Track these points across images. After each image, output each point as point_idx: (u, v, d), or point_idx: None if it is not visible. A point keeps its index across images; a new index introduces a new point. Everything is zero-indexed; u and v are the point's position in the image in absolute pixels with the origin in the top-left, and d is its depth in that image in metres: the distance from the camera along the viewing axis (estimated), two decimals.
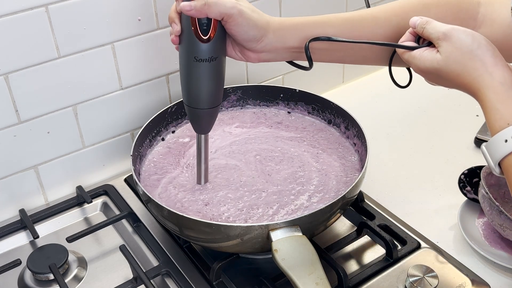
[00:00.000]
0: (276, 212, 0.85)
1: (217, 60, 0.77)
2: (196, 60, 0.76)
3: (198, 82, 0.78)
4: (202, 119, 0.82)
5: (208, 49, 0.76)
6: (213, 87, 0.79)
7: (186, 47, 0.77)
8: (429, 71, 0.71)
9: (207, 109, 0.81)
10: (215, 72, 0.78)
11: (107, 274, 0.91)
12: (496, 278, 0.86)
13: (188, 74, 0.78)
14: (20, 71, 0.92)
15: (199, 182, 0.90)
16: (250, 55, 0.80)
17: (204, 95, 0.80)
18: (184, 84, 0.80)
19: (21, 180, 1.00)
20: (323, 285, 0.72)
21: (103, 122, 1.04)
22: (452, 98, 1.29)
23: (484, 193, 0.89)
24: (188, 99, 0.81)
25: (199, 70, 0.77)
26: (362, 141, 0.94)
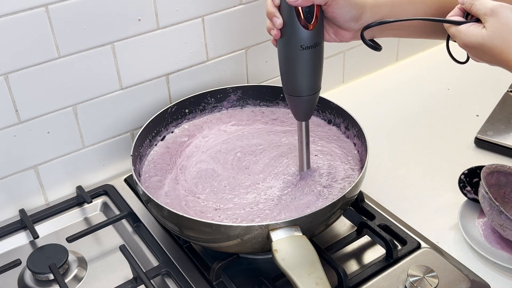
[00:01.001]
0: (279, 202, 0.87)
1: (320, 45, 0.79)
2: (303, 49, 0.77)
3: (304, 69, 0.80)
4: (305, 106, 0.84)
5: (313, 35, 0.77)
6: (317, 72, 0.81)
7: (291, 37, 0.77)
8: (473, 45, 0.72)
9: (311, 95, 0.82)
10: (319, 56, 0.80)
11: (107, 274, 0.91)
12: (496, 278, 0.86)
13: (294, 64, 0.79)
14: (20, 71, 0.92)
15: (302, 169, 0.91)
16: (345, 35, 0.82)
17: (310, 81, 0.81)
18: (287, 75, 0.81)
19: (21, 180, 1.00)
20: (323, 285, 0.72)
21: (103, 122, 1.04)
22: (452, 98, 1.29)
23: (484, 193, 0.89)
24: (292, 88, 0.82)
25: (306, 57, 0.78)
26: (362, 141, 0.94)
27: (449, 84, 1.35)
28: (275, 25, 0.77)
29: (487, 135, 1.12)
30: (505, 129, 1.13)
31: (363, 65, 1.39)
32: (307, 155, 0.90)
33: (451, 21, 0.75)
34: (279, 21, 0.76)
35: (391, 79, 1.40)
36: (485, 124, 1.16)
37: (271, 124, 1.05)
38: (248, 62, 1.18)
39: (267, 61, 1.20)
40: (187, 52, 1.08)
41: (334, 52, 1.31)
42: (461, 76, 1.36)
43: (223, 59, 1.13)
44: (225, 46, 1.13)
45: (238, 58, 1.16)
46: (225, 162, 0.97)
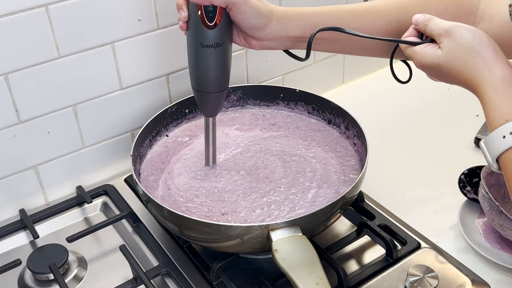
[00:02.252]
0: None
1: (222, 46, 0.80)
2: (202, 46, 0.79)
3: (205, 67, 0.81)
4: (210, 102, 0.85)
5: (213, 35, 0.78)
6: (219, 72, 0.82)
7: (193, 33, 0.79)
8: (430, 66, 0.72)
9: (214, 93, 0.84)
10: (221, 57, 0.81)
11: (107, 274, 0.91)
12: (496, 278, 0.86)
13: (195, 60, 0.81)
14: (20, 71, 0.92)
15: (207, 163, 0.94)
16: (253, 42, 0.82)
17: (211, 79, 0.83)
18: (191, 69, 0.83)
19: (21, 180, 1.00)
20: (323, 285, 0.72)
21: (103, 122, 1.04)
22: (452, 98, 1.29)
23: (484, 193, 0.89)
24: (195, 83, 0.84)
25: (206, 55, 0.80)
26: (362, 141, 0.94)
27: (449, 84, 1.34)
28: (180, 17, 0.79)
29: (487, 135, 1.12)
30: None
31: (363, 65, 1.39)
32: (213, 150, 0.92)
33: (406, 41, 0.73)
34: (184, 14, 0.78)
35: (391, 79, 1.39)
36: (485, 124, 1.15)
37: (269, 130, 1.05)
38: (248, 62, 1.18)
39: (267, 61, 1.20)
40: None
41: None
42: None
43: None
44: None
45: (238, 58, 1.16)
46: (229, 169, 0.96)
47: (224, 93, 0.86)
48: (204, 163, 0.95)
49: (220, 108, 0.88)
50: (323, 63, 1.30)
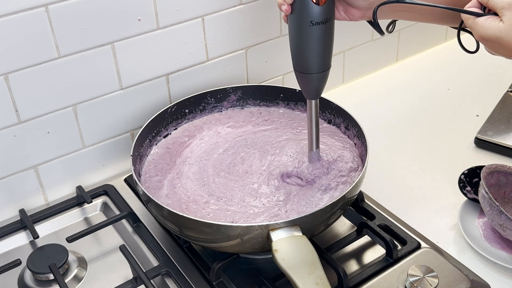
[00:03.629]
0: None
1: (330, 21, 0.79)
2: (313, 24, 0.77)
3: (314, 46, 0.80)
4: (315, 83, 0.84)
5: (323, 11, 0.77)
6: (327, 49, 0.81)
7: (300, 13, 0.77)
8: (490, 38, 0.72)
9: (321, 73, 0.83)
10: (330, 33, 0.80)
11: (107, 274, 0.91)
12: (496, 278, 0.86)
13: (304, 40, 0.79)
14: (20, 71, 0.92)
15: (311, 148, 0.91)
16: (355, 13, 0.82)
17: (320, 58, 0.81)
18: (297, 51, 0.81)
19: (21, 180, 1.00)
20: (323, 285, 0.72)
21: (103, 122, 1.04)
22: (452, 98, 1.30)
23: (484, 193, 0.89)
24: (300, 65, 0.82)
25: (315, 33, 0.78)
26: (362, 141, 0.94)
27: (449, 84, 1.35)
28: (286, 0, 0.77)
29: (487, 135, 1.12)
30: (505, 129, 1.13)
31: (363, 65, 1.39)
32: (316, 134, 0.89)
33: (470, 12, 0.74)
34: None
35: (391, 79, 1.40)
36: (485, 124, 1.16)
37: (261, 125, 1.05)
38: (248, 62, 1.18)
39: (267, 61, 1.20)
40: (187, 52, 1.08)
41: (334, 52, 1.30)
42: (461, 76, 1.36)
43: (223, 59, 1.13)
44: (225, 46, 1.13)
45: (238, 58, 1.16)
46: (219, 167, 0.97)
47: (327, 72, 0.84)
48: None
49: (323, 89, 0.86)
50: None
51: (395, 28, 0.87)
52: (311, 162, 0.92)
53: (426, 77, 1.39)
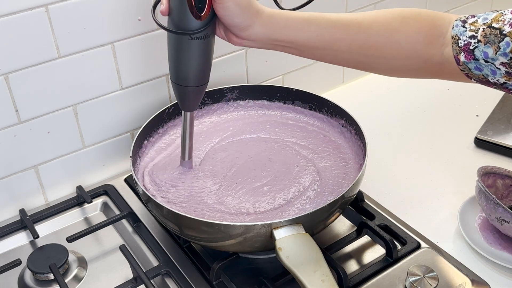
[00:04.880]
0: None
1: (209, 38, 0.78)
2: (191, 38, 0.76)
3: (190, 60, 0.79)
4: (190, 96, 0.83)
5: (201, 26, 0.75)
6: (204, 65, 0.80)
7: (178, 24, 0.76)
8: None
9: (196, 87, 0.82)
10: (207, 49, 0.79)
11: (107, 274, 0.91)
12: (496, 278, 0.86)
13: (180, 52, 0.78)
14: (20, 71, 0.92)
15: (183, 158, 0.92)
16: (232, 38, 0.80)
17: (196, 72, 0.80)
18: (173, 62, 0.80)
19: (21, 180, 1.00)
20: (329, 282, 0.72)
21: (103, 122, 1.04)
22: (452, 98, 1.30)
23: (480, 187, 0.89)
24: (176, 77, 0.81)
25: (192, 47, 0.77)
26: (361, 140, 0.94)
27: (449, 84, 1.34)
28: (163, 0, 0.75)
29: (487, 135, 1.12)
30: (505, 129, 1.13)
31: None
32: (189, 145, 0.90)
33: None
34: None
35: (391, 79, 1.39)
36: (485, 124, 1.16)
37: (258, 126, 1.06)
38: (248, 62, 1.18)
39: (267, 61, 1.20)
40: None
41: None
42: None
43: (223, 59, 1.13)
44: (225, 46, 1.11)
45: (238, 58, 1.16)
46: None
47: (205, 87, 0.84)
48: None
49: (198, 103, 0.86)
50: (323, 63, 1.30)
51: None
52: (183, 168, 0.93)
53: None
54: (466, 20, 0.73)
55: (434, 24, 0.75)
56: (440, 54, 0.74)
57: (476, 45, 0.70)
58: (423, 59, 0.76)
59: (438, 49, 0.74)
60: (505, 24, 0.68)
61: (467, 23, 0.72)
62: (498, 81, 0.71)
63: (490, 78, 0.71)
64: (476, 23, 0.71)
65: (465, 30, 0.72)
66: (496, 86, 0.73)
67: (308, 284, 0.71)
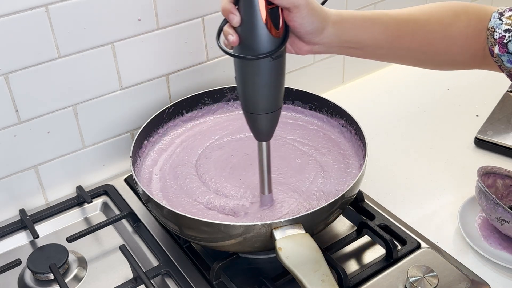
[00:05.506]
0: None
1: (285, 55, 0.72)
2: (272, 59, 0.69)
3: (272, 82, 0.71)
4: (267, 123, 0.75)
5: (281, 42, 0.69)
6: (282, 84, 0.74)
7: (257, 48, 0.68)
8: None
9: (274, 112, 0.74)
10: (284, 66, 0.72)
11: (107, 274, 0.91)
12: (496, 278, 0.86)
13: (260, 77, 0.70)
14: (20, 71, 0.92)
15: (263, 192, 0.85)
16: (302, 47, 0.76)
17: (276, 95, 0.73)
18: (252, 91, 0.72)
19: (21, 180, 1.00)
20: (329, 282, 0.72)
21: (103, 122, 1.04)
22: (452, 98, 1.30)
23: (480, 187, 0.89)
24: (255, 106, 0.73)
25: (273, 68, 0.70)
26: (361, 140, 0.94)
27: (449, 84, 1.35)
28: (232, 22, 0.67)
29: (487, 135, 1.12)
30: (505, 129, 1.13)
31: (363, 65, 1.39)
32: (268, 177, 0.83)
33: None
34: (236, 18, 0.67)
35: (391, 79, 1.40)
36: (485, 124, 1.16)
37: None
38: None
39: None
40: (187, 52, 1.08)
41: None
42: (461, 76, 1.36)
43: (223, 59, 1.13)
44: None
45: None
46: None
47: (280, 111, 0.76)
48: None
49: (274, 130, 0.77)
50: (323, 63, 1.30)
51: None
52: (262, 206, 0.86)
53: (426, 77, 1.38)
54: (503, 13, 0.74)
55: (480, 18, 0.76)
56: (483, 48, 0.76)
57: (510, 39, 0.71)
58: (471, 52, 0.77)
59: (483, 43, 0.75)
60: None
61: (504, 16, 0.73)
62: None
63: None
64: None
65: (501, 23, 0.73)
66: None
67: (308, 284, 0.71)
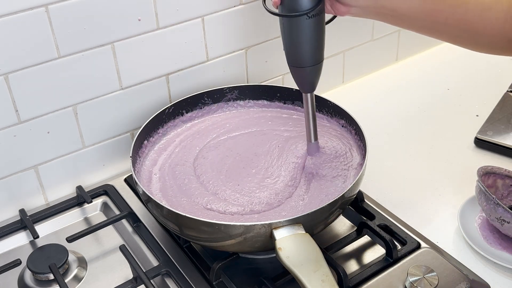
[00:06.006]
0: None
1: (322, 13, 0.79)
2: (308, 17, 0.77)
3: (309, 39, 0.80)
4: (310, 77, 0.84)
5: (317, 2, 0.77)
6: (321, 41, 0.82)
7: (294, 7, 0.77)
8: None
9: (314, 66, 0.83)
10: (322, 25, 0.80)
11: (107, 274, 0.91)
12: (496, 278, 0.86)
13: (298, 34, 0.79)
14: (20, 71, 0.92)
15: (310, 140, 0.92)
16: (340, 8, 0.81)
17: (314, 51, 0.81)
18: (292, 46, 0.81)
19: (21, 180, 1.00)
20: (329, 282, 0.72)
21: (103, 122, 1.05)
22: (452, 98, 1.30)
23: (480, 187, 0.89)
24: (295, 60, 0.82)
25: (310, 26, 0.78)
26: (361, 140, 0.94)
27: (449, 84, 1.35)
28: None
29: (487, 135, 1.12)
30: (505, 129, 1.13)
31: (363, 65, 1.39)
32: (313, 126, 0.90)
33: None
34: None
35: (391, 79, 1.40)
36: (485, 124, 1.16)
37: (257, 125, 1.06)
38: (248, 62, 1.18)
39: (267, 61, 1.20)
40: (187, 52, 1.08)
41: (334, 52, 1.31)
42: (461, 76, 1.36)
43: (223, 59, 1.13)
44: (225, 46, 1.13)
45: (238, 58, 1.16)
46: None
47: (322, 65, 0.84)
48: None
49: (318, 82, 0.86)
50: (323, 63, 1.30)
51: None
52: (310, 155, 0.93)
53: (426, 77, 1.39)
54: None
55: None
56: None
57: None
58: (508, 38, 0.77)
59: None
60: None
61: None
62: None
63: None
64: None
65: None
66: None
67: (308, 284, 0.71)
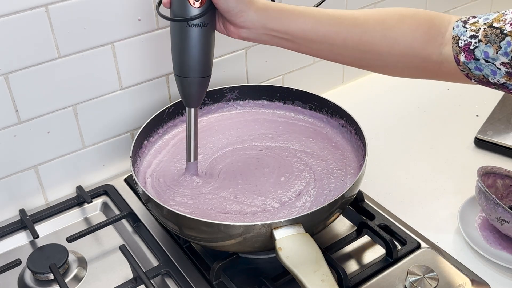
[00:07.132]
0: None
1: (207, 27, 0.79)
2: (188, 25, 0.78)
3: (188, 48, 0.80)
4: (191, 90, 0.83)
5: (198, 13, 0.77)
6: (203, 55, 0.81)
7: (178, 13, 0.78)
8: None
9: (196, 79, 0.82)
10: (205, 39, 0.80)
11: (107, 274, 0.91)
12: (496, 278, 0.86)
13: (179, 41, 0.80)
14: (20, 71, 0.92)
15: (189, 159, 0.90)
16: (230, 28, 0.80)
17: (195, 63, 0.81)
18: (174, 52, 0.82)
19: (21, 180, 1.00)
20: (329, 282, 0.72)
21: (103, 122, 1.05)
22: (452, 98, 1.30)
23: (480, 187, 0.89)
24: (177, 67, 0.82)
25: (190, 35, 0.79)
26: (361, 140, 0.94)
27: (449, 84, 1.34)
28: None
29: (487, 135, 1.12)
30: (505, 129, 1.13)
31: None
32: (194, 144, 0.89)
33: None
34: None
35: (391, 79, 1.39)
36: (485, 124, 1.16)
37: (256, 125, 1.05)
38: (248, 62, 1.18)
39: (267, 61, 1.20)
40: None
41: None
42: None
43: (223, 59, 1.13)
44: (224, 46, 1.13)
45: (238, 58, 1.16)
46: None
47: (207, 80, 0.84)
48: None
49: (202, 98, 0.86)
50: (323, 63, 1.30)
51: None
52: (187, 173, 0.91)
53: None
54: (467, 21, 0.73)
55: (432, 23, 0.75)
56: (439, 53, 0.74)
57: (477, 45, 0.70)
58: (421, 57, 0.76)
59: (437, 48, 0.74)
60: (506, 24, 0.68)
61: (468, 23, 0.72)
62: (498, 81, 0.71)
63: (490, 78, 0.71)
64: (477, 23, 0.71)
65: (466, 30, 0.72)
66: (496, 87, 0.73)
67: (308, 284, 0.71)
